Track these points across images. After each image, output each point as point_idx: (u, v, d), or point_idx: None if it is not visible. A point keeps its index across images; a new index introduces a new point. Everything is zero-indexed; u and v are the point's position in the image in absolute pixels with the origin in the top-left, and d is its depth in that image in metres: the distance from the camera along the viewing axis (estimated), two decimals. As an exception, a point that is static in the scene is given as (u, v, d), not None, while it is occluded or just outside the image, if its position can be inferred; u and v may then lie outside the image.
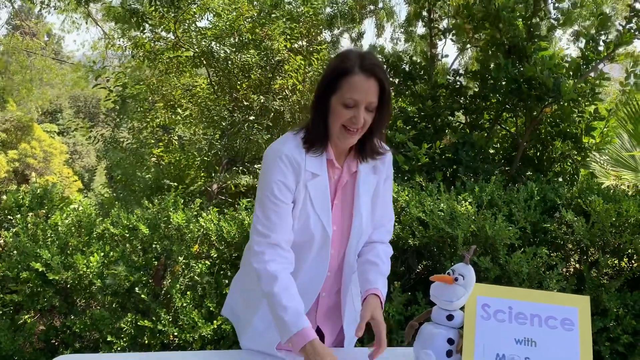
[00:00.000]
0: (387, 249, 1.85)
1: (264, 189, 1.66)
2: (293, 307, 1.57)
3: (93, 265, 2.50)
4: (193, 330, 2.52)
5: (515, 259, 2.67)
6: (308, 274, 1.74)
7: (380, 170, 1.79)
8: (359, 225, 1.76)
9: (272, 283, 1.60)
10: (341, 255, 1.80)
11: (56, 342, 2.71)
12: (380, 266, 1.77)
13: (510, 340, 1.69)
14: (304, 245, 1.72)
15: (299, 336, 1.53)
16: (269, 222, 1.64)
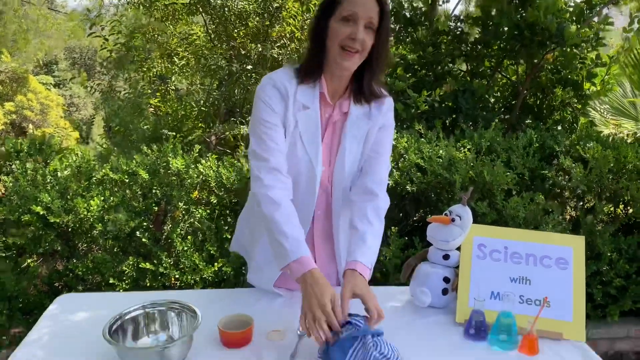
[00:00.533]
0: (379, 202, 1.73)
1: (255, 117, 1.65)
2: (294, 235, 1.55)
3: (93, 209, 2.52)
4: (194, 272, 2.57)
5: (512, 203, 2.70)
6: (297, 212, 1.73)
7: (375, 116, 1.72)
8: (341, 167, 1.72)
9: (274, 209, 1.57)
10: (329, 196, 1.79)
11: (59, 285, 2.76)
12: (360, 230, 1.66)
13: (505, 279, 1.72)
14: (295, 181, 1.70)
15: (298, 263, 1.51)
16: (265, 146, 1.62)
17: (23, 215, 2.48)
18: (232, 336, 1.53)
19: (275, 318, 1.71)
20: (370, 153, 1.76)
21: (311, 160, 1.68)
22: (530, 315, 1.63)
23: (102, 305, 1.75)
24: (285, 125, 1.65)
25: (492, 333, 1.59)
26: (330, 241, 1.86)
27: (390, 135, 1.81)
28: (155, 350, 1.38)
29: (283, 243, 1.54)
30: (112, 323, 1.44)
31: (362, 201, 1.73)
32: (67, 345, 1.53)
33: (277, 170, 1.62)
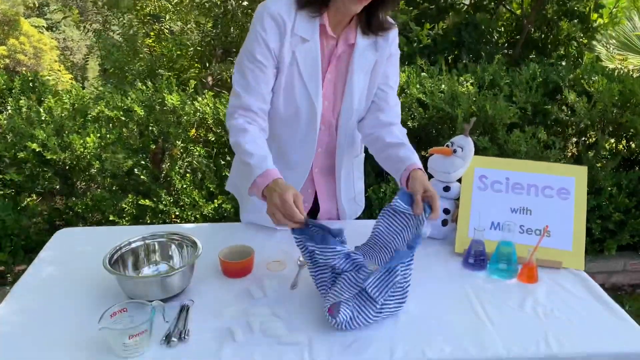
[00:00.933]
0: (403, 129, 1.74)
1: (245, 47, 1.58)
2: (260, 153, 1.50)
3: (90, 146, 2.49)
4: (194, 209, 2.57)
5: (514, 138, 2.67)
6: (297, 151, 1.70)
7: (382, 47, 1.65)
8: (349, 103, 1.67)
9: (239, 134, 1.54)
10: (332, 132, 1.75)
11: (60, 223, 2.77)
12: (406, 144, 1.66)
13: (505, 209, 1.71)
14: (291, 119, 1.67)
15: (263, 177, 1.45)
16: (245, 82, 1.57)
17: (19, 152, 2.45)
18: (232, 266, 1.53)
19: (275, 249, 1.71)
20: (382, 87, 1.71)
21: (311, 96, 1.62)
22: (530, 244, 1.63)
23: (101, 239, 1.74)
24: (281, 61, 1.58)
25: (492, 262, 1.59)
26: (331, 177, 1.84)
27: (397, 64, 1.76)
28: (157, 279, 1.38)
29: (248, 162, 1.49)
30: (112, 254, 1.43)
31: (386, 127, 1.70)
32: (67, 277, 1.54)
33: (250, 110, 1.58)
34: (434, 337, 1.30)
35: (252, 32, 1.57)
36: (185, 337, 1.28)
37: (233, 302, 1.43)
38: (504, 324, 1.36)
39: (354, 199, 1.94)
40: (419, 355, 1.24)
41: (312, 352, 1.24)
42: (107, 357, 1.22)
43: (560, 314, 1.40)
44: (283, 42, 1.55)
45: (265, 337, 1.29)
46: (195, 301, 1.43)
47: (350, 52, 1.64)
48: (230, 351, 1.24)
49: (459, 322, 1.36)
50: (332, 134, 1.76)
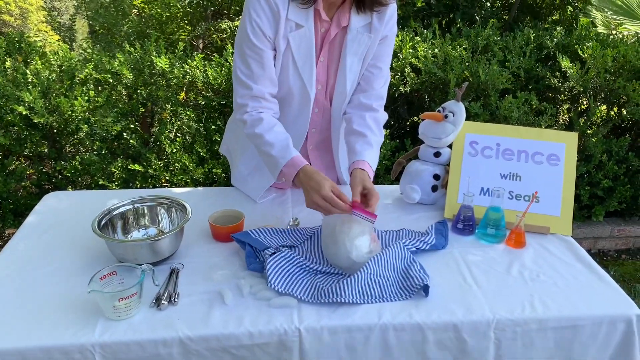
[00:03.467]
0: (378, 115, 1.70)
1: (241, 34, 1.54)
2: (279, 141, 1.53)
3: (78, 110, 2.45)
4: (184, 173, 2.55)
5: (506, 103, 2.65)
6: (289, 130, 1.66)
7: (377, 29, 1.59)
8: (342, 87, 1.65)
9: (256, 125, 1.55)
10: (327, 114, 1.74)
11: (49, 187, 2.75)
12: (369, 136, 1.63)
13: (495, 175, 1.72)
14: (283, 101, 1.65)
15: (289, 167, 1.49)
16: (249, 72, 1.54)
17: (5, 115, 2.41)
18: (222, 230, 1.53)
19: (266, 214, 1.71)
20: (369, 68, 1.67)
21: (304, 82, 1.60)
22: (519, 210, 1.64)
23: (90, 202, 1.74)
24: (277, 46, 1.54)
25: (480, 227, 1.61)
26: (327, 153, 1.84)
27: (391, 45, 1.70)
28: (146, 243, 1.38)
29: (270, 152, 1.52)
30: (100, 218, 1.43)
31: (360, 111, 1.68)
32: (56, 240, 1.53)
33: (262, 98, 1.57)
34: (422, 300, 1.31)
35: (246, 18, 1.51)
36: (175, 300, 1.29)
37: (223, 265, 1.44)
38: (491, 287, 1.38)
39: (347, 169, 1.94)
40: (406, 318, 1.25)
41: (301, 314, 1.25)
42: (98, 319, 1.22)
43: (546, 278, 1.43)
44: (278, 28, 1.51)
45: (254, 301, 1.30)
46: (185, 265, 1.43)
47: (343, 35, 1.60)
48: (220, 314, 1.25)
49: (447, 285, 1.38)
50: (325, 115, 1.74)
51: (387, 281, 1.36)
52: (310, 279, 1.37)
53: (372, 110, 1.69)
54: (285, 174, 1.50)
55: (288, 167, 1.50)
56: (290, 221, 1.64)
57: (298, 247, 1.50)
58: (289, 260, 1.39)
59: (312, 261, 1.44)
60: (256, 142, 1.57)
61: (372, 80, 1.69)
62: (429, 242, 1.52)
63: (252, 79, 1.55)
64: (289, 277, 1.35)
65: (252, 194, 1.81)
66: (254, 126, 1.55)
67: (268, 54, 1.54)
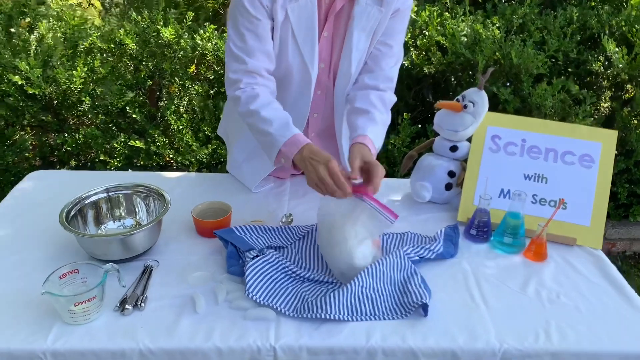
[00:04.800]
0: (385, 95, 1.51)
1: (235, 3, 1.36)
2: (279, 118, 1.34)
3: (77, 80, 2.32)
4: (188, 152, 2.41)
5: (540, 90, 2.40)
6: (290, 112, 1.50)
7: (388, 1, 1.41)
8: (346, 67, 1.47)
9: (251, 101, 1.37)
10: (330, 97, 1.56)
11: (53, 159, 2.66)
12: (372, 112, 1.45)
13: (518, 176, 1.52)
14: (282, 81, 1.48)
15: (289, 145, 1.30)
16: (243, 44, 1.37)
17: (1, 85, 2.30)
18: (206, 225, 1.39)
19: (258, 206, 1.56)
20: (378, 46, 1.48)
21: (305, 60, 1.43)
22: (543, 217, 1.45)
23: (73, 184, 1.61)
24: (274, 16, 1.36)
25: (496, 234, 1.42)
26: (331, 141, 1.65)
27: (405, 21, 1.51)
28: (117, 238, 1.24)
29: (267, 130, 1.33)
30: (69, 207, 1.30)
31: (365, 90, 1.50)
32: (25, 228, 1.42)
33: (257, 74, 1.39)
34: (419, 321, 1.15)
35: None
36: (141, 305, 1.15)
37: (201, 265, 1.30)
38: (501, 308, 1.20)
39: None
40: (398, 342, 1.09)
41: (279, 330, 1.10)
42: (54, 323, 1.10)
43: (567, 300, 1.24)
44: None
45: (229, 310, 1.16)
46: (161, 262, 1.30)
47: (350, 7, 1.41)
48: (189, 324, 1.12)
49: (450, 303, 1.21)
50: (329, 98, 1.56)
51: (381, 296, 1.19)
52: (294, 288, 1.21)
53: (379, 90, 1.50)
54: (284, 153, 1.31)
55: (288, 145, 1.30)
56: (284, 217, 1.48)
57: (287, 249, 1.35)
58: (273, 265, 1.24)
59: (301, 266, 1.29)
60: (251, 121, 1.39)
61: (381, 59, 1.50)
62: (435, 250, 1.34)
63: (246, 52, 1.37)
64: (270, 285, 1.20)
65: (248, 183, 1.65)
66: (249, 103, 1.37)
67: (264, 25, 1.37)
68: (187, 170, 2.51)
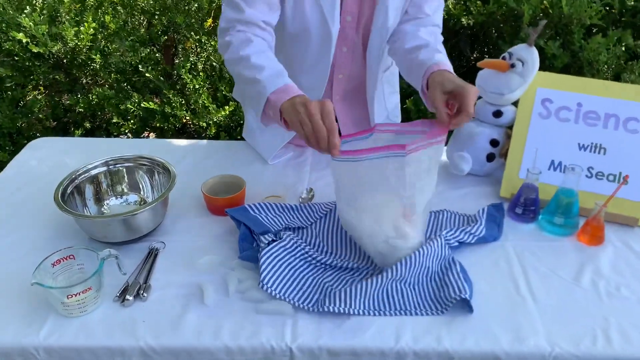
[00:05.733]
0: (434, 30, 1.32)
1: None
2: (271, 67, 1.13)
3: (85, 37, 2.17)
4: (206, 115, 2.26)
5: (593, 44, 2.14)
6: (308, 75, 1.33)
7: None
8: (382, 20, 1.28)
9: (243, 47, 1.16)
10: (358, 56, 1.37)
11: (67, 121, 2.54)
12: (431, 45, 1.25)
13: (572, 145, 1.33)
14: (299, 37, 1.29)
15: (279, 92, 1.07)
16: None
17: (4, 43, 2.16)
18: (217, 202, 1.25)
19: (274, 179, 1.41)
20: None
21: (324, 12, 1.23)
22: (599, 193, 1.27)
23: (77, 153, 1.51)
24: None
25: (545, 213, 1.24)
26: (359, 105, 1.49)
27: None
28: (117, 219, 1.11)
29: (255, 76, 1.11)
30: (66, 184, 1.17)
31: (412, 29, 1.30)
32: (25, 202, 1.32)
33: (254, 25, 1.20)
34: (456, 318, 1.00)
35: None
36: (143, 295, 1.03)
37: (212, 248, 1.16)
38: (551, 303, 1.04)
39: (387, 117, 1.59)
40: (432, 343, 0.95)
41: (296, 328, 0.97)
42: (48, 314, 1.00)
43: (629, 294, 1.07)
44: None
45: (241, 302, 1.03)
46: (167, 244, 1.18)
47: None
48: (195, 318, 0.99)
49: (492, 296, 1.05)
50: (357, 58, 1.37)
51: (414, 290, 1.05)
52: (315, 278, 1.07)
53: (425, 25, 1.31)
54: (272, 103, 1.08)
55: (278, 92, 1.07)
56: (304, 192, 1.33)
57: (306, 230, 1.20)
58: (290, 252, 1.09)
59: (322, 250, 1.14)
60: (238, 69, 1.17)
61: (422, 4, 1.31)
62: (477, 233, 1.17)
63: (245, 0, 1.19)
64: (287, 275, 1.06)
65: (264, 153, 1.50)
66: (240, 49, 1.16)
67: None
68: (204, 133, 2.37)
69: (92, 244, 1.16)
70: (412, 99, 2.41)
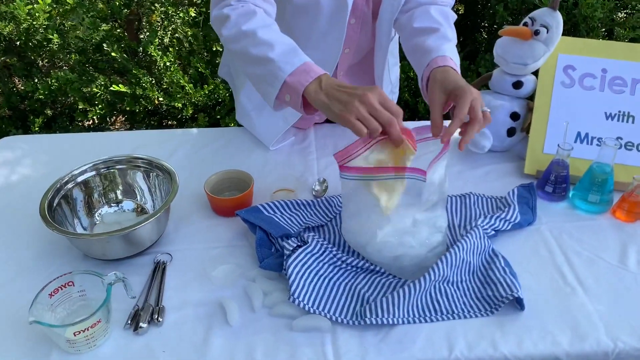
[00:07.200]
0: (446, 9, 1.20)
1: None
2: (281, 43, 0.99)
3: (40, 16, 1.94)
4: (182, 96, 2.08)
5: (589, 0, 2.05)
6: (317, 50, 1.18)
7: None
8: None
9: (244, 20, 1.01)
10: (368, 29, 1.24)
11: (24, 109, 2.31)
12: (442, 30, 1.13)
13: (598, 115, 1.25)
14: (309, 8, 1.15)
15: (299, 74, 0.93)
16: None
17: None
18: (223, 203, 1.12)
19: (280, 170, 1.28)
20: None
21: None
22: (630, 165, 1.20)
23: (56, 153, 1.33)
24: None
25: (578, 190, 1.17)
26: (363, 81, 1.37)
27: None
28: (118, 236, 0.96)
29: (266, 55, 0.96)
30: (51, 196, 1.01)
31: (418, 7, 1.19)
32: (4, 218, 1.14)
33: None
34: (507, 318, 0.91)
35: None
36: (158, 320, 0.91)
37: (225, 255, 1.04)
38: (603, 292, 0.97)
39: (391, 90, 1.49)
40: (488, 350, 0.86)
41: (337, 344, 0.87)
42: (49, 349, 0.86)
43: (682, 273, 1.01)
44: None
45: (270, 319, 0.91)
46: (174, 256, 1.04)
47: None
48: (221, 341, 0.88)
49: (539, 289, 0.97)
50: (366, 30, 1.24)
51: (459, 289, 0.96)
52: (350, 285, 0.96)
53: (437, 4, 1.19)
54: (291, 86, 0.94)
55: (297, 74, 0.93)
56: (316, 184, 1.21)
57: (328, 228, 1.09)
58: (319, 257, 0.98)
59: (349, 251, 1.03)
60: (241, 47, 1.01)
61: None
62: (511, 219, 1.09)
63: None
64: (319, 285, 0.95)
65: (263, 137, 1.36)
66: (240, 23, 1.01)
67: None
68: (179, 115, 2.19)
69: (89, 262, 1.01)
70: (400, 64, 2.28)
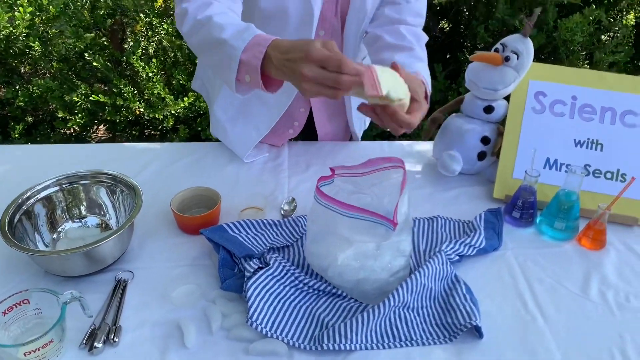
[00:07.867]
0: (417, 30, 1.21)
1: None
2: (234, 25, 0.96)
3: (20, 24, 1.93)
4: (163, 107, 2.08)
5: (570, 23, 2.07)
6: None
7: None
8: (361, 1, 1.17)
9: (199, 10, 1.00)
10: (336, 39, 1.25)
11: (5, 115, 2.29)
12: (413, 49, 1.15)
13: (567, 142, 1.25)
14: (275, 19, 1.16)
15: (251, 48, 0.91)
16: None
17: None
18: (191, 221, 1.11)
19: (251, 186, 1.28)
20: None
21: None
22: (597, 192, 1.21)
23: (23, 164, 1.32)
24: None
25: (545, 216, 1.17)
26: None
27: None
28: (79, 253, 0.96)
29: (219, 37, 0.94)
30: (11, 212, 1.00)
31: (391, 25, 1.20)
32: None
33: None
34: (466, 344, 0.91)
35: None
36: (114, 340, 0.90)
37: (187, 275, 1.03)
38: (562, 320, 0.97)
39: None
40: (444, 378, 0.86)
41: (293, 369, 0.86)
42: (1, 371, 0.85)
43: (639, 303, 1.01)
44: None
45: (227, 341, 0.91)
46: (136, 273, 1.03)
47: None
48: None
49: (500, 316, 0.97)
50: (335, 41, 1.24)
51: (418, 315, 0.95)
52: (309, 309, 0.96)
53: (407, 24, 1.20)
54: (247, 64, 0.92)
55: (250, 49, 0.91)
56: (285, 204, 1.20)
57: (292, 248, 1.08)
58: (279, 280, 0.98)
59: (312, 274, 1.03)
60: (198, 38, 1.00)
61: None
62: (476, 245, 1.09)
63: None
64: (278, 308, 0.94)
65: (237, 149, 1.36)
66: (197, 13, 0.99)
67: None
68: (160, 126, 2.19)
69: (49, 279, 1.00)
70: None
